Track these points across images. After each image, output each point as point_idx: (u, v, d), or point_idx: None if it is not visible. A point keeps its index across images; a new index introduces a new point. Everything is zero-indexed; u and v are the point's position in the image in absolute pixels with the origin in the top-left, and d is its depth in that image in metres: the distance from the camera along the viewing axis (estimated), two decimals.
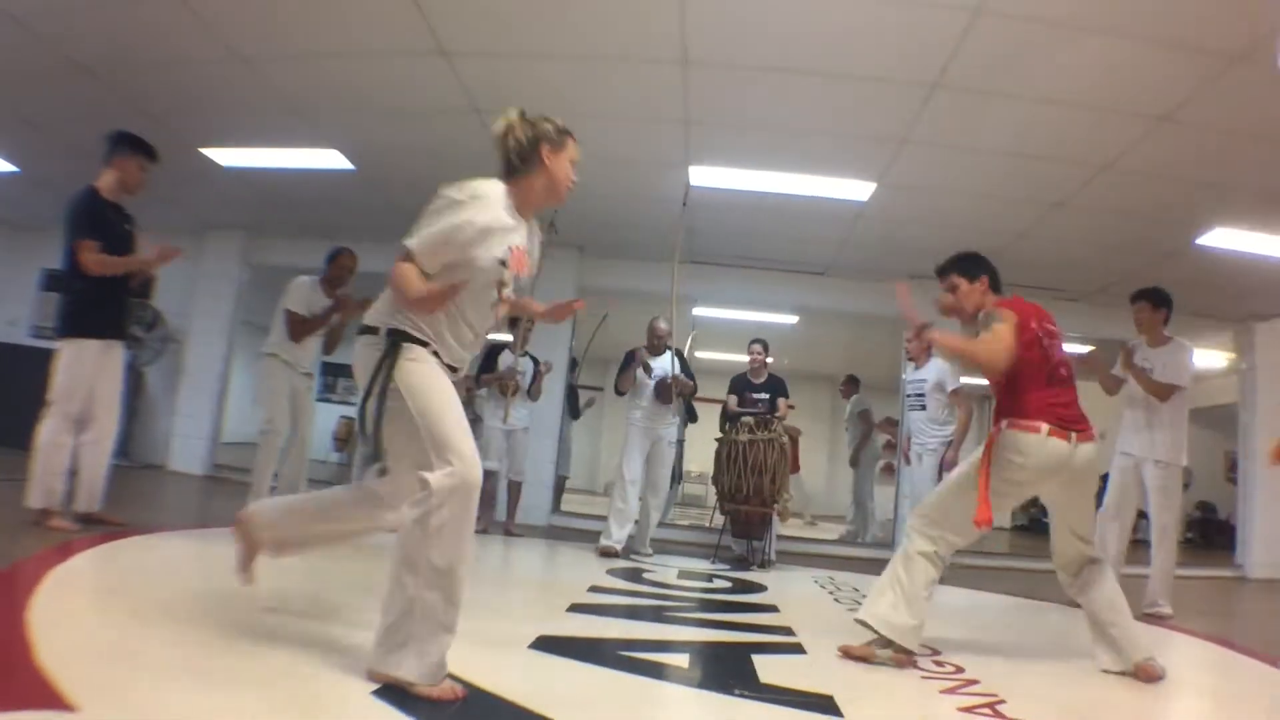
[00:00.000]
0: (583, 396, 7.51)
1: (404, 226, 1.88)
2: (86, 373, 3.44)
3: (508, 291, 1.99)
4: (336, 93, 4.52)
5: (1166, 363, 4.08)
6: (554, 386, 6.59)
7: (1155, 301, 4.18)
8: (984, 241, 5.85)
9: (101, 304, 3.48)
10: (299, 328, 4.23)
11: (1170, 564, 4.04)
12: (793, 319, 8.06)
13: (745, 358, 5.51)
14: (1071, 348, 4.30)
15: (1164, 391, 4.04)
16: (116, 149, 3.61)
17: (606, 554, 4.74)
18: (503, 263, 1.90)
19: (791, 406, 5.44)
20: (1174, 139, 3.98)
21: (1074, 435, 2.46)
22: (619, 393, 5.19)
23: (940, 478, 5.13)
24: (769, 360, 5.46)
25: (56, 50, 4.23)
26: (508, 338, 5.45)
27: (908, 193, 5.12)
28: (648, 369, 5.00)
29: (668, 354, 5.07)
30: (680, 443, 6.39)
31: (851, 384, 7.95)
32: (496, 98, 4.38)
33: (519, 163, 2.02)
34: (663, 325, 5.11)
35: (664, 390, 4.96)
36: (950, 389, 5.00)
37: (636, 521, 5.05)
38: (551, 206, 2.17)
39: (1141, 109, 3.80)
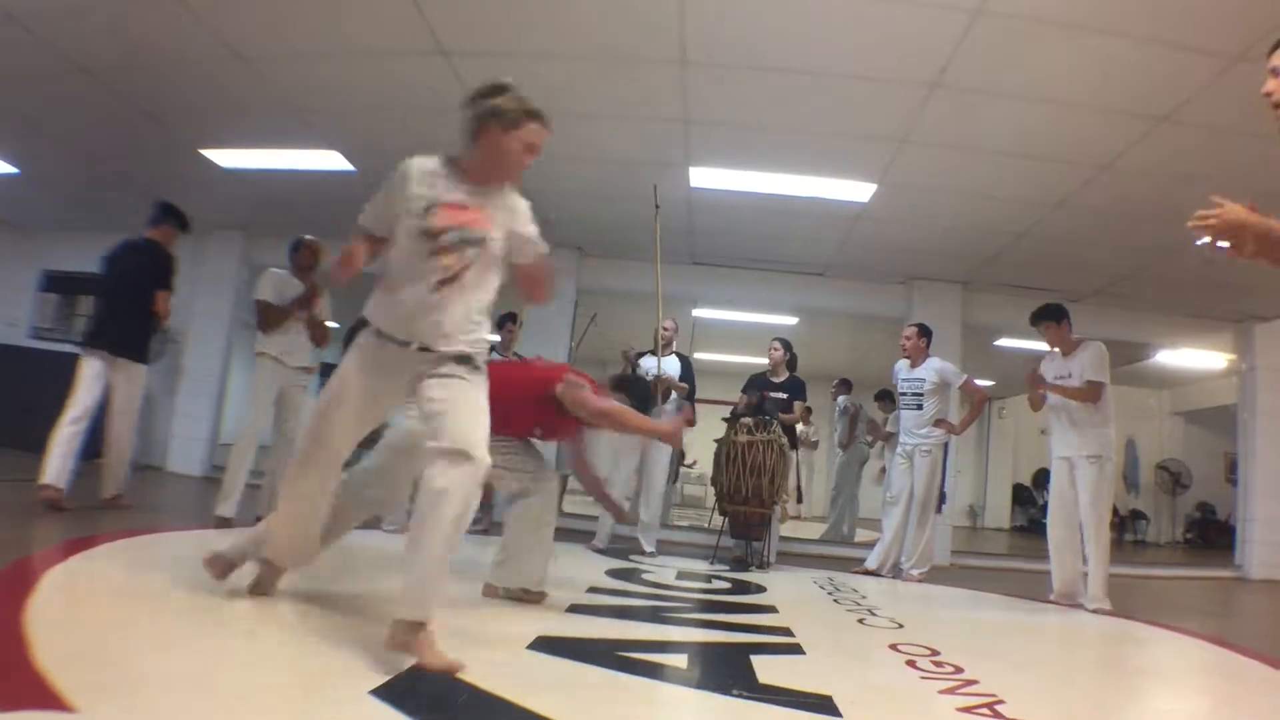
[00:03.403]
0: None
1: None
2: None
3: (448, 239, 2.05)
4: (336, 93, 4.52)
5: (1083, 365, 4.27)
6: None
7: (1056, 317, 4.41)
8: (984, 241, 5.91)
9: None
10: (267, 316, 4.15)
11: (1106, 559, 4.09)
12: (793, 319, 8.07)
13: (744, 359, 5.53)
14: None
15: (1092, 394, 4.20)
16: (164, 219, 4.41)
17: (596, 551, 4.95)
18: (422, 214, 2.06)
19: (809, 409, 5.47)
20: (1174, 139, 3.98)
21: None
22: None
23: (943, 477, 5.14)
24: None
25: (56, 50, 4.23)
26: (495, 338, 5.47)
27: (908, 193, 5.12)
28: (632, 364, 5.11)
29: (672, 357, 5.12)
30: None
31: (843, 385, 8.06)
32: None
33: (466, 138, 2.14)
34: (667, 325, 5.13)
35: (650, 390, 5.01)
36: (959, 383, 5.03)
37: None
38: (504, 181, 2.20)
39: (1141, 109, 3.80)
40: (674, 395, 5.13)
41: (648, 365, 5.10)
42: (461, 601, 2.65)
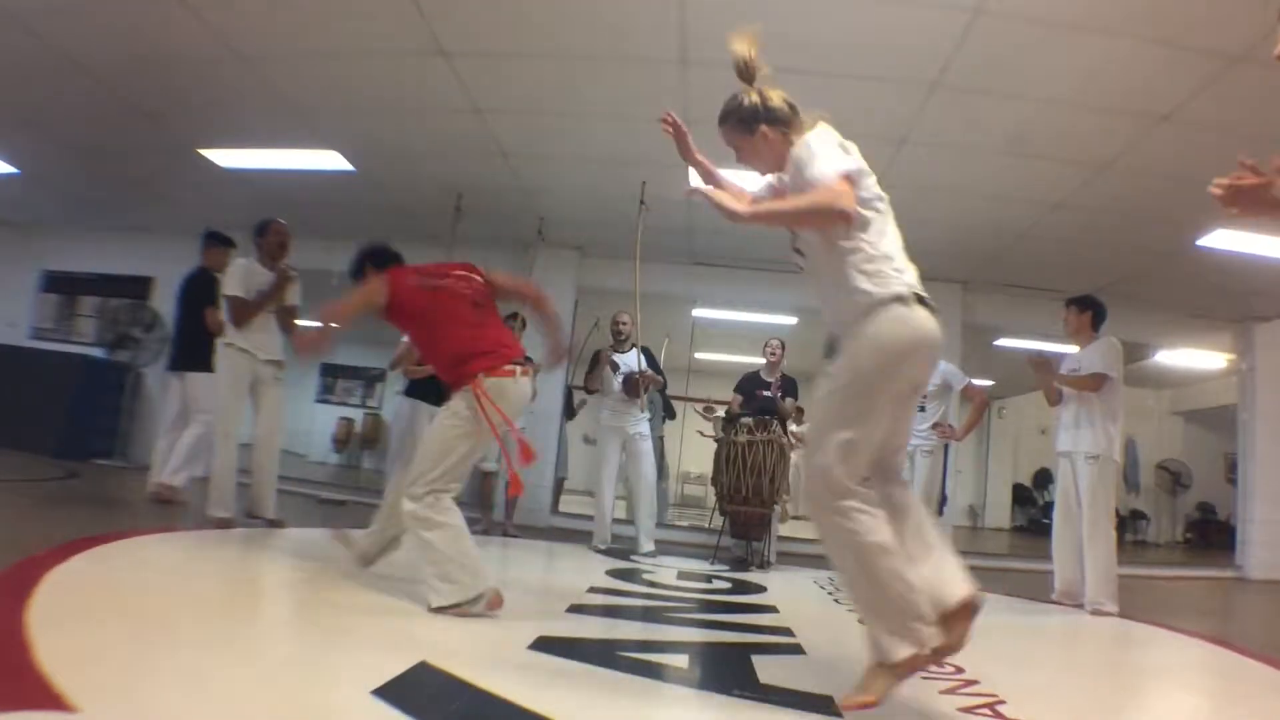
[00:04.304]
0: (575, 396, 7.52)
1: (404, 226, 1.90)
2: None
3: None
4: (336, 93, 4.52)
5: (1091, 357, 4.19)
6: (554, 388, 6.59)
7: (1080, 306, 4.31)
8: (984, 242, 5.91)
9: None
10: (240, 311, 4.08)
11: (1108, 560, 3.97)
12: (793, 319, 8.06)
13: (745, 359, 5.52)
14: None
15: (1092, 383, 4.11)
16: (207, 245, 5.02)
17: (598, 552, 4.96)
18: None
19: (800, 409, 5.45)
20: (1174, 139, 3.98)
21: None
22: (588, 391, 5.29)
23: (944, 478, 5.12)
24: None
25: (56, 50, 4.23)
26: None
27: (908, 193, 5.11)
28: (614, 365, 5.06)
29: (634, 351, 5.10)
30: (660, 439, 6.37)
31: None
32: (496, 98, 4.39)
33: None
34: (624, 319, 5.12)
35: (631, 385, 4.99)
36: (960, 386, 5.02)
37: (632, 522, 5.10)
38: None
39: (1141, 109, 3.80)
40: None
41: (628, 361, 5.08)
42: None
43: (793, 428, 9.64)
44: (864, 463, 1.80)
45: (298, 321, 4.46)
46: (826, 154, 1.89)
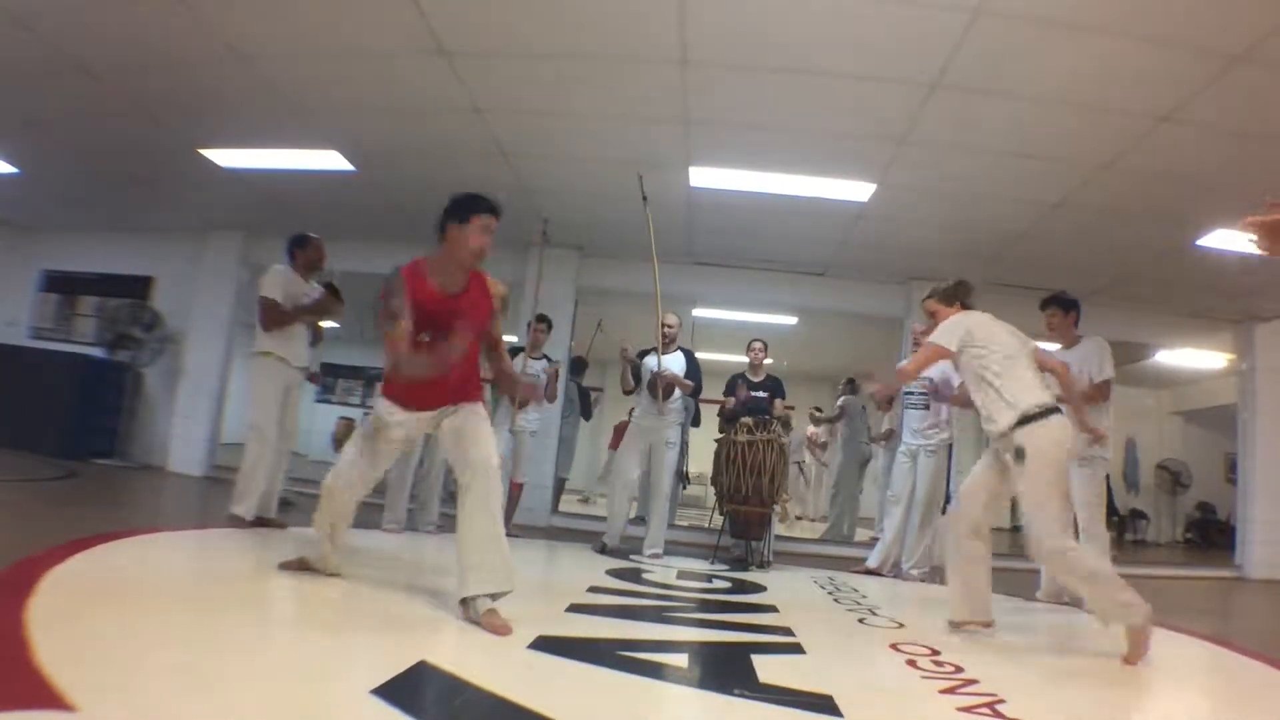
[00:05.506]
0: (592, 396, 7.53)
1: (404, 226, 1.89)
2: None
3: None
4: (336, 93, 4.52)
5: (1085, 359, 4.13)
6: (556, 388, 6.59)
7: (1064, 306, 4.28)
8: (984, 241, 5.91)
9: None
10: (273, 315, 4.06)
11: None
12: (793, 319, 8.07)
13: (745, 359, 5.51)
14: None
15: (1100, 393, 4.06)
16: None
17: (600, 551, 4.94)
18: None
19: (790, 407, 5.44)
20: (1174, 139, 3.98)
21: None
22: (625, 392, 5.30)
23: (948, 476, 5.11)
24: (768, 360, 5.48)
25: (56, 50, 4.23)
26: (513, 339, 5.47)
27: (908, 193, 5.12)
28: (634, 365, 5.08)
29: (678, 354, 5.10)
30: (685, 444, 6.36)
31: (848, 385, 8.09)
32: (496, 98, 4.40)
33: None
34: (669, 322, 5.11)
35: (651, 387, 4.99)
36: (960, 383, 5.00)
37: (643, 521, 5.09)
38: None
39: (1141, 109, 3.80)
40: (677, 392, 5.05)
41: (648, 364, 5.07)
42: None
43: (810, 429, 9.59)
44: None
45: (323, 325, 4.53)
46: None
